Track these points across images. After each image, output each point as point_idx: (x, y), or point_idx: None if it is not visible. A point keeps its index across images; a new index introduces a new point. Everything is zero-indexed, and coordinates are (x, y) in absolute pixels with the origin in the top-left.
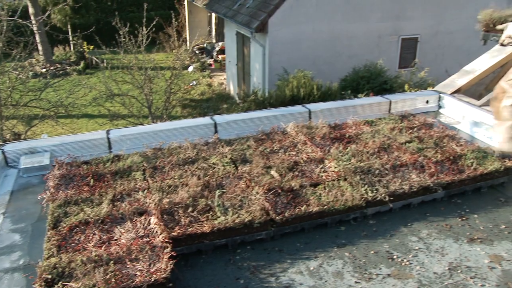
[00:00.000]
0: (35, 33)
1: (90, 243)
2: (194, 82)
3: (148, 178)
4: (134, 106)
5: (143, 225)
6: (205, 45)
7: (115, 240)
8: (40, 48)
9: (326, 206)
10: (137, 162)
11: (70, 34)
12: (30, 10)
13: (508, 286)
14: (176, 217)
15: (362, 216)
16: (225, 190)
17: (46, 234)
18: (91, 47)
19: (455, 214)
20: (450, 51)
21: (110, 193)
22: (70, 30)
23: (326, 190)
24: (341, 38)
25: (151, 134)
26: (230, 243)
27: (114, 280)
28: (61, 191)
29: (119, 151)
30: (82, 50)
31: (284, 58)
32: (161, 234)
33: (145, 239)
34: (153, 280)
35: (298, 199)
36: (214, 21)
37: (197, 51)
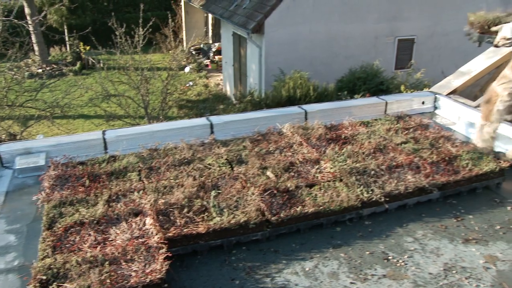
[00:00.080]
0: (31, 33)
1: (85, 244)
2: (190, 82)
3: (143, 179)
4: (130, 107)
5: (139, 225)
6: (201, 45)
7: (111, 240)
8: (36, 48)
9: (321, 207)
10: (132, 163)
11: (66, 34)
12: (26, 10)
13: (502, 287)
14: (171, 217)
15: (357, 216)
16: (220, 191)
17: (41, 235)
18: (88, 48)
19: (450, 215)
20: (446, 52)
21: (106, 193)
22: (66, 30)
23: (321, 191)
24: (337, 39)
25: (147, 134)
26: (225, 244)
27: (109, 280)
28: (56, 192)
29: (115, 152)
30: (78, 50)
31: (280, 59)
32: (156, 234)
33: (140, 240)
34: (148, 280)
35: (293, 200)
36: (210, 21)
37: (193, 52)
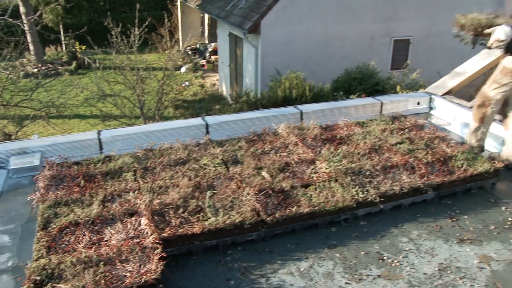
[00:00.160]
0: (26, 32)
1: (80, 244)
2: (186, 82)
3: (139, 179)
4: (126, 107)
5: (134, 226)
6: (197, 45)
7: (105, 241)
8: (31, 48)
9: (317, 207)
10: (128, 163)
11: (62, 34)
12: (21, 9)
13: (496, 286)
14: (166, 218)
15: (353, 217)
16: (216, 191)
17: (36, 235)
18: (83, 47)
19: (445, 215)
20: (442, 53)
21: (101, 194)
22: (62, 30)
23: (317, 191)
24: (333, 39)
25: (143, 134)
26: (220, 244)
27: (103, 281)
28: (51, 192)
29: (110, 152)
30: (74, 50)
31: (276, 59)
32: (151, 235)
33: (135, 240)
34: (143, 281)
35: (289, 200)
36: (207, 21)
37: (189, 52)
